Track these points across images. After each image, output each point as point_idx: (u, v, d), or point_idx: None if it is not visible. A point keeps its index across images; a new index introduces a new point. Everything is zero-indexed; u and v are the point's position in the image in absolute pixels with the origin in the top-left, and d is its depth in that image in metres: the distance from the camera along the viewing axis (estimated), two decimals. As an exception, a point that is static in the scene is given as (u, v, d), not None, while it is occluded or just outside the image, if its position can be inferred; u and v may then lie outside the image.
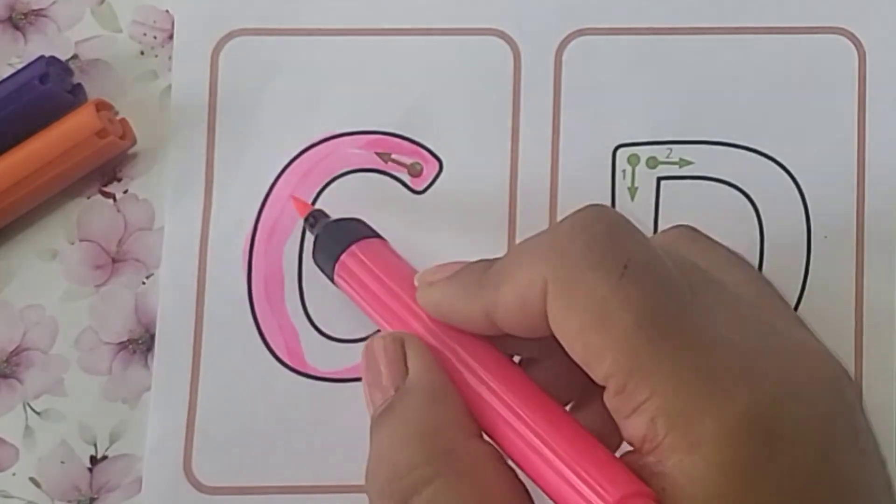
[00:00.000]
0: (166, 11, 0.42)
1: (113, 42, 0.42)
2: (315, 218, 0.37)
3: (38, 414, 0.39)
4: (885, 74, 0.40)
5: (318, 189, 0.40)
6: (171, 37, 0.41)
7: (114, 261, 0.40)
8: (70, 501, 0.39)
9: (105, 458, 0.39)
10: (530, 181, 0.40)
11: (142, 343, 0.40)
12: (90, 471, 0.39)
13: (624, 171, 0.40)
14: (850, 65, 0.40)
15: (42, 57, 0.40)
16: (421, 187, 0.40)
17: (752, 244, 0.39)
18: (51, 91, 0.39)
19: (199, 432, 0.38)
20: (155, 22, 0.42)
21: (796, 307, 0.39)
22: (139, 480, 0.38)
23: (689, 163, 0.40)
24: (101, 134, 0.39)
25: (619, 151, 0.40)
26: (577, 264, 0.27)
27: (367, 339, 0.37)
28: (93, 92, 0.41)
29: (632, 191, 0.40)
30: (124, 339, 0.40)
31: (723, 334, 0.27)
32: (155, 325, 0.39)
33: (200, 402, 0.39)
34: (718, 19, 0.41)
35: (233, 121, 0.41)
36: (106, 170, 0.41)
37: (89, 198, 0.41)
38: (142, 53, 0.41)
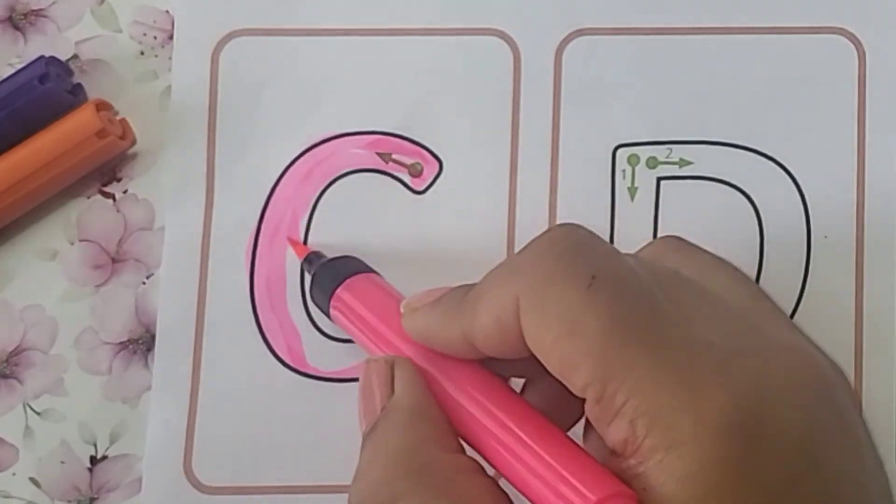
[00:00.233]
0: (166, 11, 0.42)
1: (113, 42, 0.41)
2: (311, 260, 0.38)
3: (38, 414, 0.39)
4: (885, 74, 0.40)
5: (320, 189, 0.40)
6: (171, 37, 0.41)
7: (114, 261, 0.40)
8: (70, 501, 0.39)
9: (105, 458, 0.39)
10: (530, 181, 0.40)
11: (142, 343, 0.40)
12: (90, 471, 0.39)
13: (624, 171, 0.40)
14: (850, 65, 0.40)
15: (42, 57, 0.40)
16: (421, 187, 0.40)
17: (752, 244, 0.39)
18: (51, 91, 0.39)
19: (199, 432, 0.38)
20: (155, 22, 0.42)
21: (796, 307, 0.39)
22: (139, 480, 0.38)
23: (689, 163, 0.40)
24: (101, 134, 0.39)
25: (619, 151, 0.40)
26: (547, 278, 0.27)
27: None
28: (93, 92, 0.41)
29: (632, 191, 0.40)
30: (124, 339, 0.40)
31: (700, 335, 0.27)
32: (155, 325, 0.39)
33: (201, 402, 0.39)
34: (718, 19, 0.41)
35: (233, 121, 0.41)
36: (106, 170, 0.41)
37: (89, 198, 0.41)
38: (142, 53, 0.41)
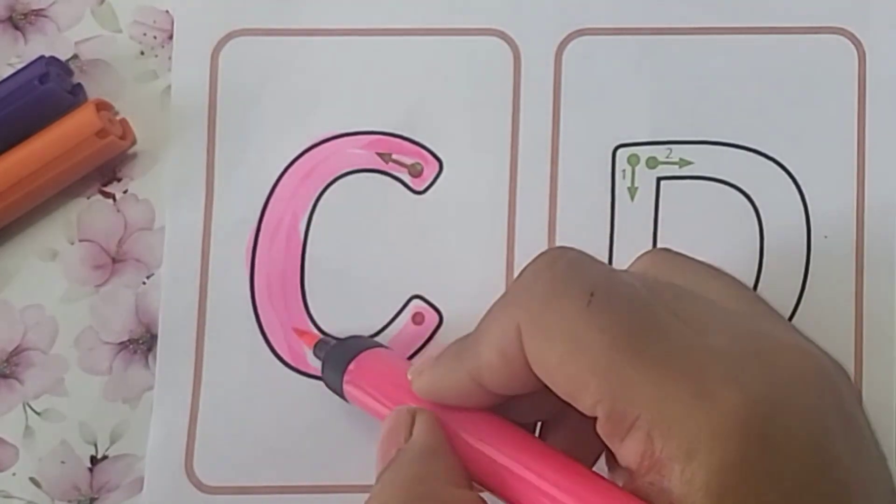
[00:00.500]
0: (166, 11, 0.42)
1: (113, 42, 0.41)
2: (320, 347, 0.38)
3: (38, 414, 0.39)
4: (885, 74, 0.40)
5: (320, 189, 0.40)
6: (171, 37, 0.41)
7: (114, 261, 0.40)
8: (70, 501, 0.39)
9: (105, 457, 0.39)
10: (530, 181, 0.40)
11: (142, 343, 0.40)
12: (90, 471, 0.39)
13: (624, 171, 0.40)
14: (850, 65, 0.40)
15: (42, 57, 0.40)
16: (421, 187, 0.40)
17: (752, 244, 0.39)
18: (51, 91, 0.39)
19: (200, 432, 0.38)
20: (155, 22, 0.42)
21: (796, 307, 0.39)
22: (140, 480, 0.38)
23: (689, 163, 0.40)
24: (101, 134, 0.39)
25: (619, 151, 0.40)
26: (545, 300, 0.28)
27: (379, 332, 0.39)
28: (93, 92, 0.41)
29: (632, 191, 0.40)
30: (124, 338, 0.40)
31: (703, 342, 0.27)
32: (155, 325, 0.39)
33: (202, 402, 0.39)
34: (718, 19, 0.41)
35: (233, 121, 0.41)
36: (106, 170, 0.41)
37: (89, 198, 0.41)
38: (142, 53, 0.41)
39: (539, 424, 0.33)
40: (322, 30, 0.41)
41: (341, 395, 0.36)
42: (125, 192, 0.41)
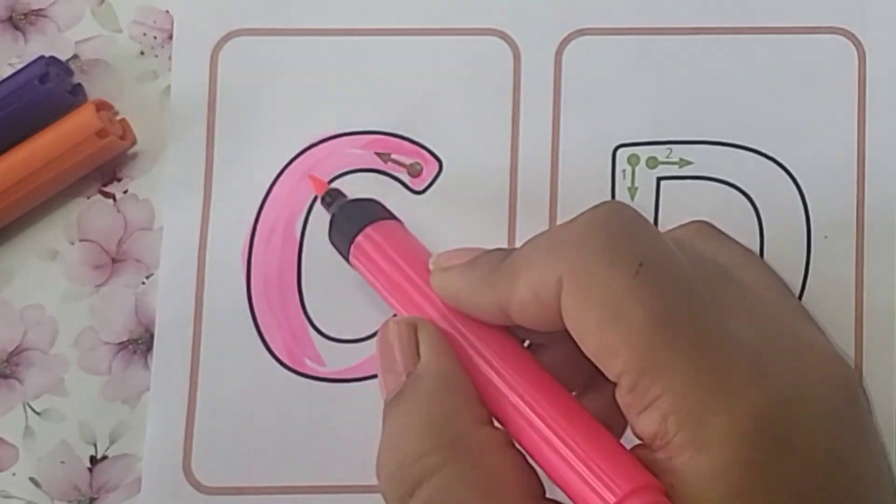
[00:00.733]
0: (166, 11, 0.42)
1: (113, 42, 0.42)
2: (332, 197, 0.37)
3: (38, 414, 0.39)
4: (885, 74, 0.40)
5: (319, 189, 0.40)
6: (171, 37, 0.41)
7: (114, 261, 0.40)
8: (70, 501, 0.39)
9: (105, 458, 0.39)
10: (530, 181, 0.40)
11: (142, 343, 0.40)
12: (90, 471, 0.39)
13: (624, 171, 0.40)
14: (850, 65, 0.40)
15: (42, 57, 0.40)
16: (421, 187, 0.40)
17: (752, 244, 0.39)
18: (51, 91, 0.39)
19: (198, 432, 0.38)
20: (155, 22, 0.42)
21: (796, 307, 0.39)
22: (139, 480, 0.38)
23: (689, 163, 0.40)
24: (101, 134, 0.39)
25: (619, 151, 0.40)
26: (593, 261, 0.27)
27: (376, 333, 0.37)
28: (93, 92, 0.41)
29: (632, 191, 0.40)
30: (124, 339, 0.40)
31: (736, 333, 0.27)
32: (155, 325, 0.39)
33: (200, 402, 0.39)
34: (718, 19, 0.40)
35: (232, 121, 0.41)
36: (106, 170, 0.41)
37: (89, 198, 0.41)
38: (142, 53, 0.41)
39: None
40: (322, 30, 0.41)
41: (346, 259, 0.36)
42: (125, 192, 0.41)
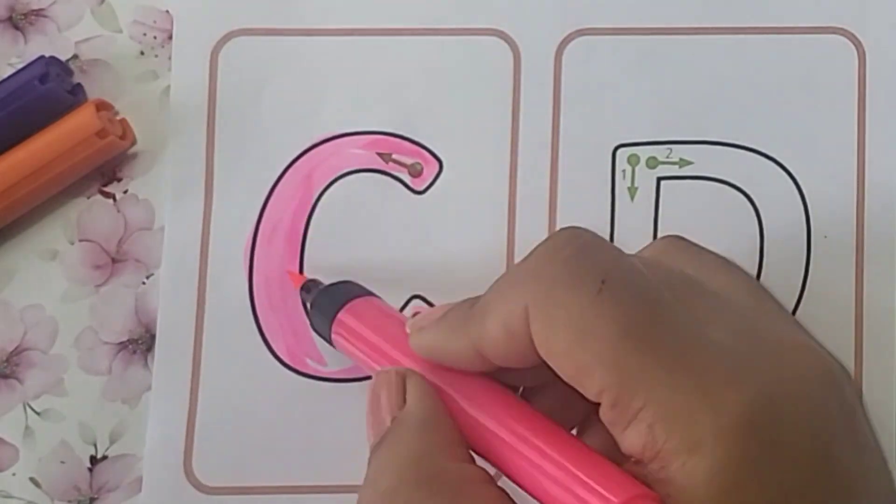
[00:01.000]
0: (166, 11, 0.42)
1: (113, 42, 0.41)
2: (309, 287, 0.38)
3: (38, 414, 0.39)
4: (885, 74, 0.40)
5: (320, 190, 0.40)
6: (171, 37, 0.41)
7: (114, 261, 0.40)
8: (70, 501, 0.39)
9: (105, 458, 0.39)
10: (530, 181, 0.40)
11: (142, 343, 0.40)
12: (90, 471, 0.39)
13: (624, 171, 0.40)
14: (850, 65, 0.40)
15: (42, 57, 0.40)
16: (421, 187, 0.40)
17: (752, 244, 0.39)
18: (51, 91, 0.39)
19: (199, 432, 0.38)
20: (155, 22, 0.42)
21: (796, 307, 0.39)
22: (139, 480, 0.38)
23: (689, 163, 0.40)
24: (101, 134, 0.39)
25: (619, 151, 0.40)
26: (555, 285, 0.27)
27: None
28: (93, 92, 0.41)
29: (632, 191, 0.40)
30: (124, 339, 0.40)
31: (712, 337, 0.27)
32: (155, 325, 0.39)
33: (201, 402, 0.39)
34: (718, 19, 0.41)
35: (233, 121, 0.41)
36: (106, 170, 0.41)
37: (89, 198, 0.41)
38: (142, 53, 0.41)
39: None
40: (322, 30, 0.41)
41: (328, 340, 0.36)
42: (125, 192, 0.41)
